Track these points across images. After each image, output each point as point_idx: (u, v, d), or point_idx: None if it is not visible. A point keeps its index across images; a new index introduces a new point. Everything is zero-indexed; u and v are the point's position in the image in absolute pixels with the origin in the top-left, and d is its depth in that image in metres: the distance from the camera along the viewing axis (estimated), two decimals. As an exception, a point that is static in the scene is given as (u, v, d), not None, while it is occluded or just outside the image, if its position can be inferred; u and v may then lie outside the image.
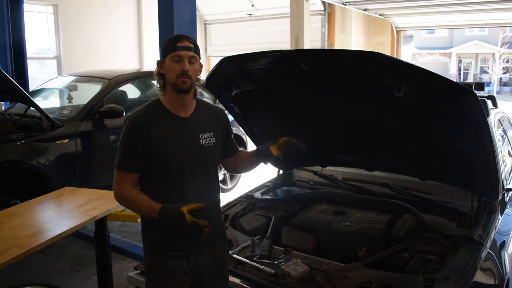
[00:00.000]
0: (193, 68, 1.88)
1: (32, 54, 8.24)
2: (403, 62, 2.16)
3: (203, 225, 1.75)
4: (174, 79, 1.87)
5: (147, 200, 1.86)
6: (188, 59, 1.87)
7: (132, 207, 1.96)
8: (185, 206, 1.77)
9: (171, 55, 1.87)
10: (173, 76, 1.87)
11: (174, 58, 1.86)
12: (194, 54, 1.89)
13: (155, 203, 1.84)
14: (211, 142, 1.98)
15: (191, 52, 1.88)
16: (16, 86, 4.20)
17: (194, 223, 1.74)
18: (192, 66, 1.88)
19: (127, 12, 10.45)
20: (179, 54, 1.86)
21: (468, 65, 31.83)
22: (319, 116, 2.75)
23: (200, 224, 1.75)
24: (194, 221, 1.74)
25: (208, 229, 1.77)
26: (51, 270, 3.89)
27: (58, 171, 4.39)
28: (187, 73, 1.86)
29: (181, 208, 1.76)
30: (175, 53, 1.86)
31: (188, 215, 1.75)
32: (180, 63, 1.86)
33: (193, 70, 1.89)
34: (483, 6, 9.37)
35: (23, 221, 2.76)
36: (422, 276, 2.04)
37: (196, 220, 1.75)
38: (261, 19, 11.63)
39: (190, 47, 1.88)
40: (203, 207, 1.81)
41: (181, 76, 1.85)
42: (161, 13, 3.89)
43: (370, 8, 10.42)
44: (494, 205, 2.61)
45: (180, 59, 1.86)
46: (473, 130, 2.19)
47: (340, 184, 3.18)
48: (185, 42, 1.88)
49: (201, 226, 1.75)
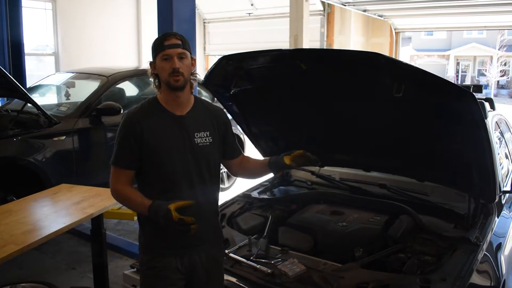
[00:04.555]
0: (184, 65, 1.87)
1: (30, 50, 8.21)
2: (402, 63, 2.16)
3: (190, 222, 1.75)
4: (167, 78, 1.86)
5: (139, 196, 1.87)
6: (177, 56, 1.86)
7: (126, 203, 1.97)
8: (173, 204, 1.77)
9: (160, 55, 1.86)
10: (165, 75, 1.87)
11: (163, 57, 1.86)
12: (182, 50, 1.87)
13: (147, 199, 1.84)
14: (207, 141, 1.97)
15: (179, 49, 1.86)
16: (14, 82, 4.18)
17: (181, 220, 1.74)
18: (183, 63, 1.87)
19: (126, 9, 10.43)
20: (167, 53, 1.85)
21: (466, 67, 31.90)
22: (317, 116, 2.75)
23: (186, 220, 1.75)
24: (181, 218, 1.74)
25: (195, 226, 1.77)
26: (47, 267, 3.88)
27: (55, 168, 4.38)
28: (178, 71, 1.85)
29: (168, 205, 1.77)
30: (163, 53, 1.85)
31: (175, 212, 1.75)
32: (170, 61, 1.85)
33: (184, 67, 1.88)
34: (481, 9, 9.39)
35: (19, 218, 2.75)
36: (418, 277, 2.04)
37: (182, 217, 1.75)
38: (260, 19, 11.63)
39: (177, 44, 1.86)
40: (191, 205, 1.81)
41: (172, 74, 1.85)
42: (160, 11, 3.89)
43: (369, 9, 10.43)
44: (491, 207, 2.62)
45: (169, 58, 1.85)
46: (471, 132, 2.19)
47: (337, 184, 3.18)
48: (172, 40, 1.86)
49: (187, 223, 1.75)
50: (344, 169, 3.29)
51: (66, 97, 5.57)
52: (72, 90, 5.62)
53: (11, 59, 6.82)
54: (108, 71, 5.33)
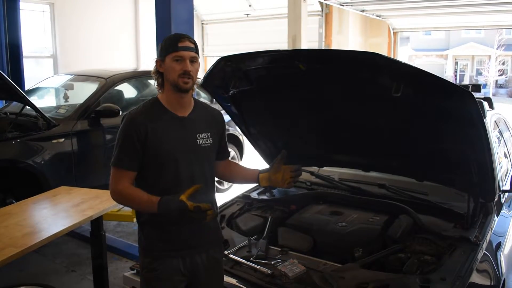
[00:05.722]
0: (194, 68, 1.89)
1: (28, 52, 8.19)
2: (400, 62, 2.15)
3: (207, 208, 1.77)
4: (176, 79, 1.87)
5: (145, 194, 1.86)
6: (190, 59, 1.87)
7: (130, 203, 1.96)
8: (183, 194, 1.79)
9: (173, 55, 1.86)
10: (174, 76, 1.87)
11: (175, 58, 1.86)
12: (195, 54, 1.90)
13: (154, 196, 1.84)
14: (208, 142, 1.99)
15: (192, 52, 1.88)
16: (12, 84, 4.17)
17: (197, 207, 1.76)
18: (193, 66, 1.89)
19: (124, 11, 10.43)
20: (181, 55, 1.86)
21: (465, 67, 31.96)
22: (316, 117, 2.75)
23: (203, 207, 1.76)
24: (197, 206, 1.76)
25: (212, 211, 1.79)
26: (47, 270, 3.88)
27: (54, 170, 4.37)
28: (190, 74, 1.86)
29: (179, 197, 1.78)
30: (177, 54, 1.86)
31: (189, 201, 1.76)
32: (182, 63, 1.86)
33: (195, 71, 1.90)
34: (479, 8, 9.40)
35: (18, 221, 2.75)
36: (418, 276, 2.04)
37: (198, 205, 1.76)
38: (258, 19, 11.64)
39: (191, 48, 1.88)
40: (199, 188, 1.83)
41: (183, 76, 1.86)
42: (158, 13, 3.89)
43: (367, 9, 10.45)
44: (490, 206, 2.62)
45: (181, 59, 1.86)
46: (470, 131, 2.19)
47: (337, 184, 3.18)
48: (187, 42, 1.88)
49: (205, 209, 1.77)
50: (343, 169, 3.29)
51: (64, 99, 5.56)
52: (70, 92, 5.61)
53: (9, 61, 6.82)
54: (107, 73, 5.33)
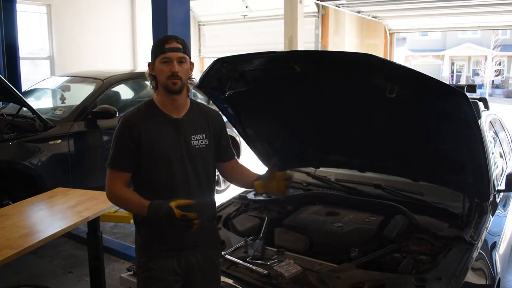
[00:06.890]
0: (183, 69, 1.89)
1: (25, 54, 8.17)
2: (395, 64, 2.17)
3: (192, 217, 1.77)
4: (165, 81, 1.88)
5: (137, 197, 1.88)
6: (177, 60, 1.87)
7: (123, 205, 1.98)
8: (173, 201, 1.79)
9: (160, 57, 1.87)
10: (163, 78, 1.88)
11: (163, 60, 1.87)
12: (183, 54, 1.89)
13: (145, 200, 1.85)
14: (203, 143, 1.98)
15: (179, 53, 1.88)
16: (9, 86, 4.17)
17: (184, 216, 1.76)
18: (182, 67, 1.89)
19: (121, 12, 10.41)
20: (168, 56, 1.86)
21: (461, 67, 32.03)
22: (312, 118, 2.76)
23: (189, 216, 1.76)
24: (183, 214, 1.76)
25: (198, 221, 1.78)
26: (44, 271, 3.87)
27: (51, 171, 4.37)
28: (177, 75, 1.86)
29: (169, 203, 1.78)
30: (164, 55, 1.86)
31: (177, 209, 1.76)
32: (169, 64, 1.86)
33: (183, 71, 1.89)
34: (476, 9, 9.43)
35: (15, 222, 2.75)
36: (414, 276, 2.06)
37: (185, 213, 1.76)
38: (255, 21, 11.62)
39: (178, 48, 1.88)
40: (192, 204, 1.82)
41: (171, 77, 1.86)
42: (155, 14, 3.90)
43: (363, 10, 10.45)
44: (485, 206, 2.63)
45: (169, 61, 1.86)
46: (465, 131, 2.21)
47: (333, 185, 3.19)
48: (173, 43, 1.88)
49: (190, 218, 1.76)
50: (339, 170, 3.30)
51: (61, 100, 5.55)
52: (67, 94, 5.60)
53: (6, 63, 6.81)
54: (103, 74, 5.33)
